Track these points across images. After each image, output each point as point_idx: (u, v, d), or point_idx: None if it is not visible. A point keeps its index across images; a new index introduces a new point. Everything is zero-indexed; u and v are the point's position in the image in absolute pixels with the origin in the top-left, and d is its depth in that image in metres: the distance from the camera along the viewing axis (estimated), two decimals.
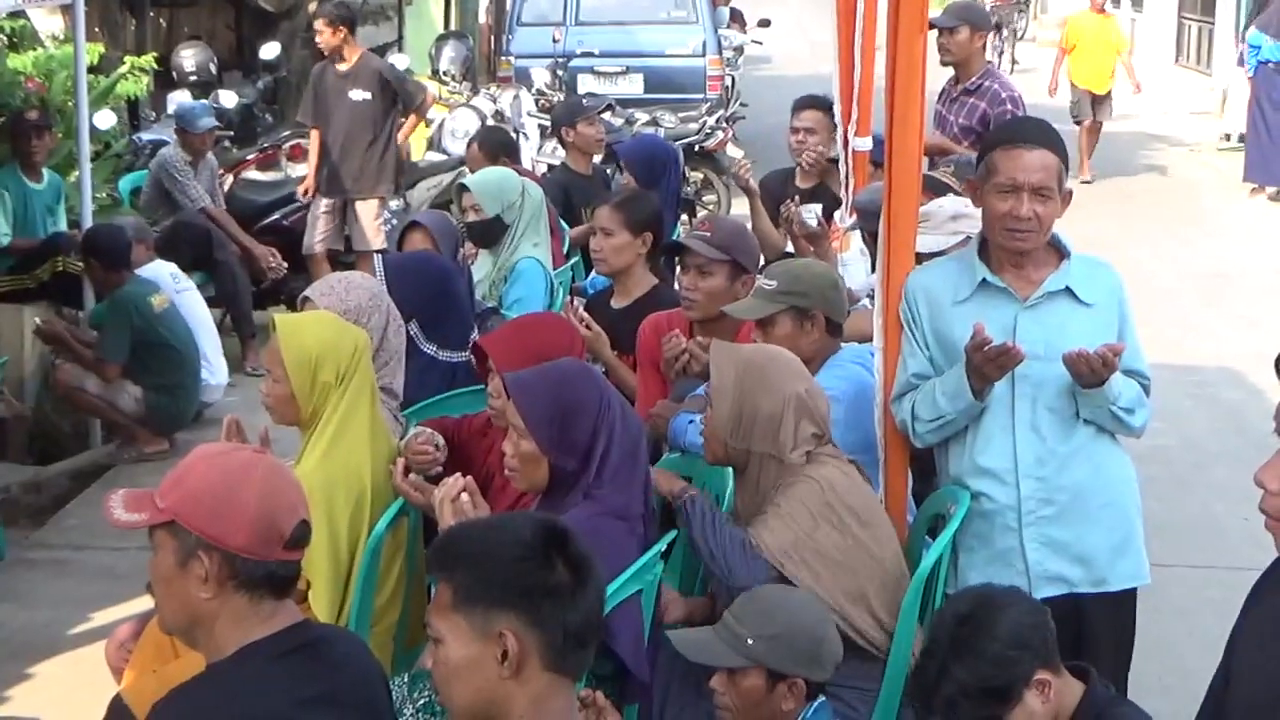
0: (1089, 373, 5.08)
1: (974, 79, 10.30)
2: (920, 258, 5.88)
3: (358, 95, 13.25)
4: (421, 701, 4.80)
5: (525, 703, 3.30)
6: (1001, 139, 5.41)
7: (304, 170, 13.77)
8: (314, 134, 13.37)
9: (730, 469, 5.56)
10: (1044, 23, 40.25)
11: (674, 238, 8.22)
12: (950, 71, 10.61)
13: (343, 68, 13.34)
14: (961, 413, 5.27)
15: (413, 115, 13.84)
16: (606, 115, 13.47)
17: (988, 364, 5.07)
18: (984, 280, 5.33)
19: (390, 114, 13.43)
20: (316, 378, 5.36)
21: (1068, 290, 5.32)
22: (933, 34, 9.32)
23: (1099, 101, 21.50)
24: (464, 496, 4.88)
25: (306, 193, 13.32)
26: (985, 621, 4.36)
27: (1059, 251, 5.37)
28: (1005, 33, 32.70)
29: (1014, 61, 33.43)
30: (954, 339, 5.28)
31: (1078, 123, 21.31)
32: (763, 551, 4.98)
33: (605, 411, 5.04)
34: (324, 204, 13.35)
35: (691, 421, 5.96)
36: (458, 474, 5.09)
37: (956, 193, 7.24)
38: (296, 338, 5.44)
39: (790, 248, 8.94)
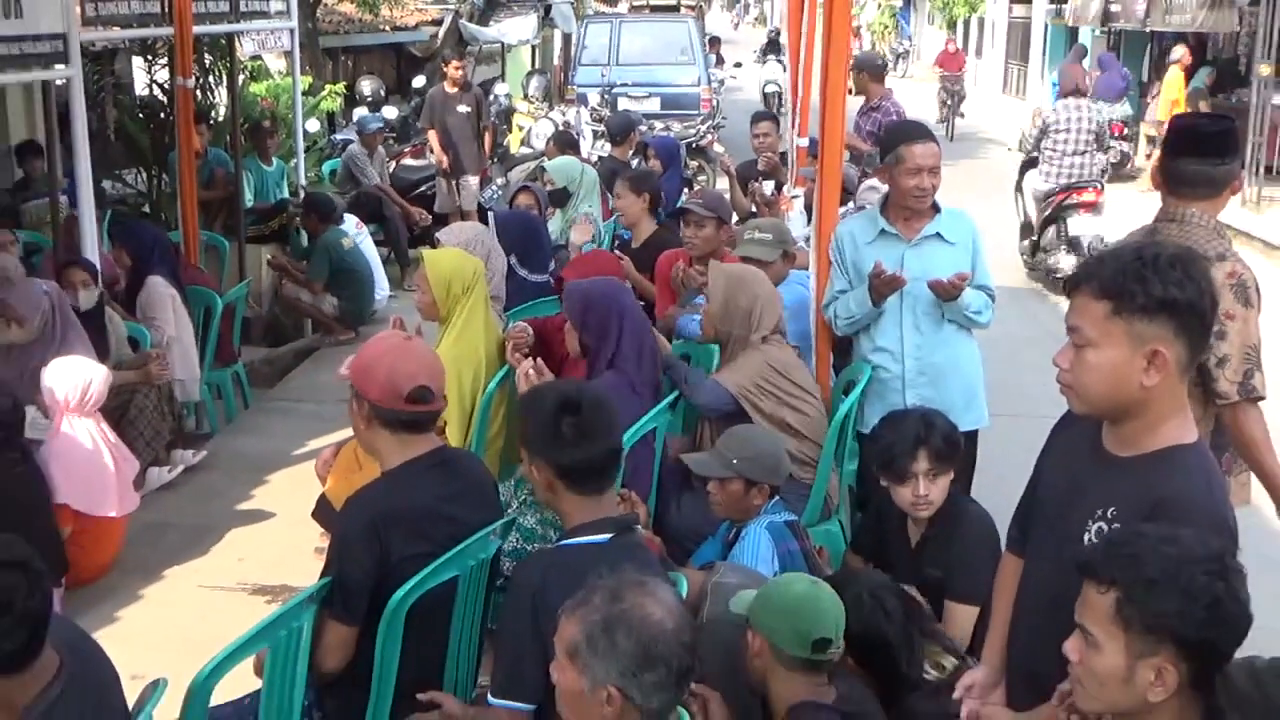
0: (944, 293, 5.16)
1: (876, 100, 10.39)
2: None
3: (463, 109, 13.21)
4: (522, 498, 4.82)
5: (568, 510, 3.42)
6: (905, 137, 5.31)
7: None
8: (431, 134, 13.28)
9: (715, 348, 5.64)
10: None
11: (679, 204, 8.18)
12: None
13: (452, 90, 13.30)
14: (866, 314, 5.33)
15: (485, 129, 13.80)
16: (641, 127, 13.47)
17: (883, 286, 5.16)
18: (883, 229, 5.36)
19: (479, 121, 13.44)
20: (450, 290, 5.38)
21: (938, 234, 5.35)
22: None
23: None
24: (530, 372, 4.91)
25: (441, 163, 13.26)
26: (937, 416, 4.47)
27: (934, 208, 5.37)
28: (951, 101, 27.41)
29: (960, 115, 27.50)
30: (863, 267, 5.32)
31: None
32: (724, 384, 5.11)
33: (618, 311, 5.19)
34: (443, 182, 13.35)
35: (693, 320, 6.02)
36: (533, 358, 5.15)
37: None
38: (437, 265, 5.45)
39: (753, 209, 9.05)
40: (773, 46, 29.40)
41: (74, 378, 5.94)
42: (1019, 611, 3.19)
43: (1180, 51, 19.79)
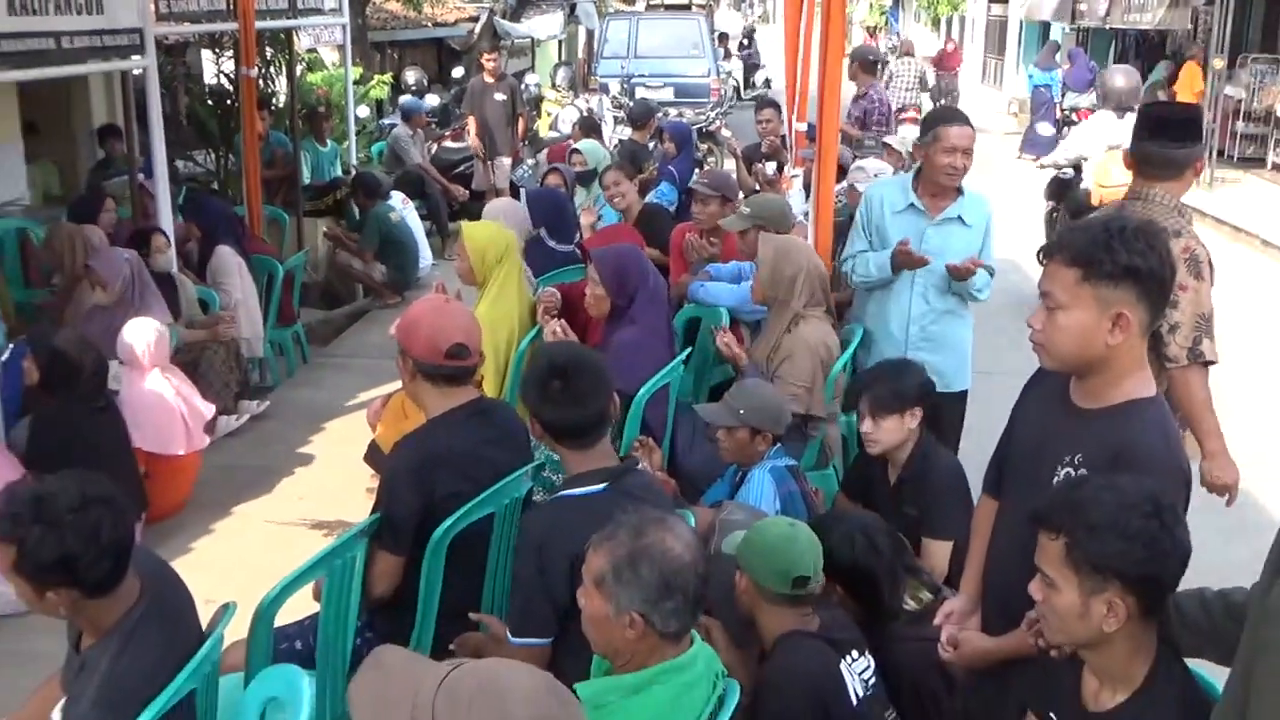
0: (961, 275, 5.12)
1: (864, 90, 10.33)
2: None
3: (499, 97, 13.13)
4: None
5: (565, 459, 3.40)
6: (943, 119, 5.22)
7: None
8: (470, 119, 13.23)
9: (724, 311, 5.70)
10: None
11: (690, 183, 8.16)
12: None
13: (489, 80, 13.21)
14: (882, 279, 5.26)
15: (520, 116, 13.67)
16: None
17: (906, 262, 5.10)
18: (912, 203, 5.26)
19: (514, 109, 13.33)
20: (485, 259, 5.35)
21: (959, 218, 5.25)
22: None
23: None
24: (558, 330, 4.96)
25: (476, 147, 13.23)
26: (908, 363, 4.52)
27: (958, 189, 5.27)
28: (945, 100, 24.55)
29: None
30: (886, 234, 5.26)
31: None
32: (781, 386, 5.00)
33: (644, 273, 5.16)
34: (479, 163, 13.26)
35: (702, 287, 6.00)
36: (559, 319, 5.17)
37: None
38: (474, 236, 5.42)
39: (757, 187, 9.01)
40: (740, 46, 29.20)
41: (143, 335, 5.99)
42: (994, 547, 3.18)
43: (1194, 49, 19.61)
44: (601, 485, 3.26)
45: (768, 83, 25.91)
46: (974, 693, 3.29)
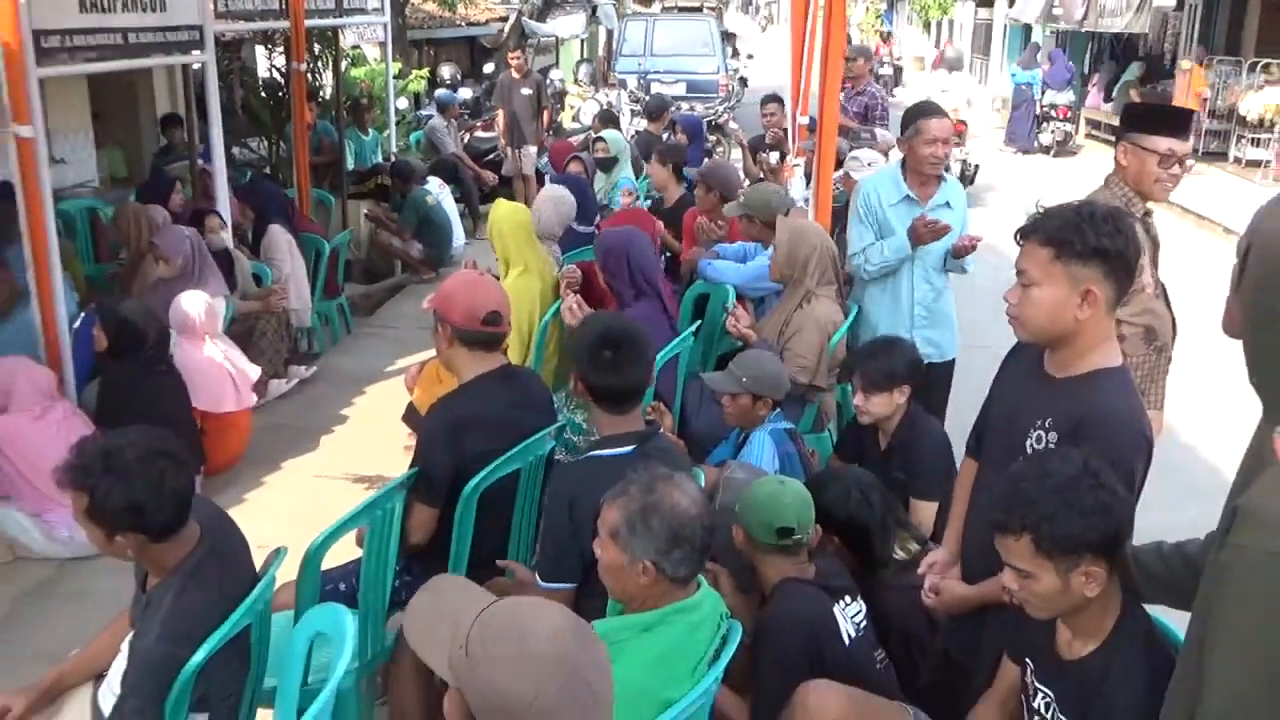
0: (966, 251, 5.14)
1: (862, 86, 10.24)
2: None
3: (525, 91, 13.01)
4: (572, 405, 4.83)
5: (600, 420, 3.39)
6: (923, 113, 5.17)
7: None
8: (499, 113, 13.15)
9: (731, 289, 5.68)
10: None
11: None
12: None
13: (517, 75, 13.10)
14: (898, 260, 5.19)
15: (544, 108, 13.55)
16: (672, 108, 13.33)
17: (928, 234, 5.02)
18: (906, 194, 5.22)
19: (539, 102, 13.24)
20: (501, 238, 5.38)
21: (947, 203, 5.22)
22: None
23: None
24: (573, 305, 4.92)
25: (502, 138, 13.17)
26: (899, 342, 4.46)
27: (940, 176, 5.24)
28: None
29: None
30: (889, 225, 5.22)
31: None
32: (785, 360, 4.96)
33: (626, 253, 5.11)
34: (509, 150, 13.18)
35: (710, 265, 6.00)
36: (577, 295, 5.13)
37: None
38: (499, 218, 5.41)
39: (761, 175, 8.98)
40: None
41: (195, 306, 6.03)
42: (974, 505, 3.19)
43: (1198, 50, 19.38)
44: (631, 447, 3.27)
45: (743, 81, 25.56)
46: (953, 634, 3.31)
